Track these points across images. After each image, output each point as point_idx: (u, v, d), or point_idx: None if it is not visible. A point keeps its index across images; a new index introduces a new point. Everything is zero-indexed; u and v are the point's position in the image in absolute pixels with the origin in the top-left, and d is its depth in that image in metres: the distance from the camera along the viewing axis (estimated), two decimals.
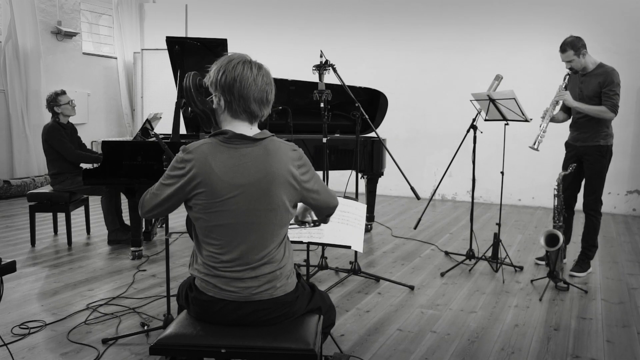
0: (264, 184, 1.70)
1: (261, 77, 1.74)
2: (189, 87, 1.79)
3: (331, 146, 4.61)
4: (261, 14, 8.37)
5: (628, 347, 2.73)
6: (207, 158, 1.70)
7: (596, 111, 3.65)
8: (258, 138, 1.75)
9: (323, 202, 1.89)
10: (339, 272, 3.90)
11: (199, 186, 1.70)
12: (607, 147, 3.75)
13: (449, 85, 7.23)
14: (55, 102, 4.61)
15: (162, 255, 4.30)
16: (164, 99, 8.07)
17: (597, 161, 3.75)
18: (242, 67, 1.72)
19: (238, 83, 1.71)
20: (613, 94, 3.61)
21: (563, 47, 3.67)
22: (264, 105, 1.78)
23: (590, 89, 3.70)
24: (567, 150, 3.99)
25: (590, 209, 3.85)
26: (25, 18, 7.22)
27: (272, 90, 1.79)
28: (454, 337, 2.83)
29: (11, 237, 4.88)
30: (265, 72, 1.77)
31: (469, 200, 7.06)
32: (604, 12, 6.33)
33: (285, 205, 1.76)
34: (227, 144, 1.73)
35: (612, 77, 3.62)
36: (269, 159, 1.72)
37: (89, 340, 2.71)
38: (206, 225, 1.74)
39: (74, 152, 4.57)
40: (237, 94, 1.71)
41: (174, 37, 4.25)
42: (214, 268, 1.76)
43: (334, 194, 1.96)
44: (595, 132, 3.74)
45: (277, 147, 1.76)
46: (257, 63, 1.78)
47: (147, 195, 1.81)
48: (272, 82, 1.79)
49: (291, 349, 1.68)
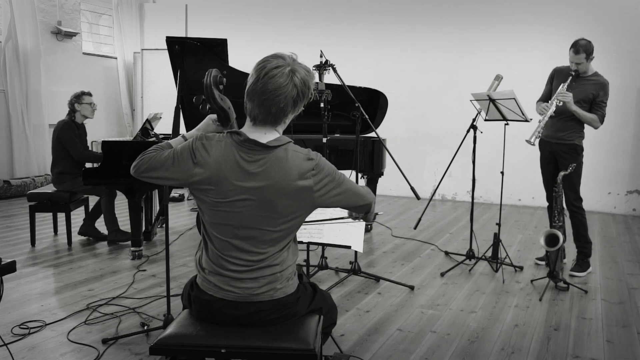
0: (269, 193, 1.68)
1: (268, 79, 1.62)
2: (209, 84, 1.77)
3: (331, 146, 4.61)
4: (261, 14, 8.37)
5: (628, 347, 2.73)
6: (220, 157, 1.68)
7: (589, 118, 3.75)
8: (271, 146, 1.68)
9: (350, 203, 1.83)
10: (339, 272, 3.90)
11: (207, 182, 1.69)
12: (581, 146, 3.89)
13: (449, 85, 7.23)
14: (78, 99, 4.62)
15: (162, 255, 4.30)
16: (164, 99, 8.06)
17: (573, 158, 3.83)
18: (259, 68, 1.66)
19: (252, 85, 1.66)
20: (604, 105, 3.75)
21: (577, 48, 3.66)
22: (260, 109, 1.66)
23: (582, 93, 3.75)
24: (542, 147, 4.04)
25: (572, 205, 3.91)
26: (25, 18, 7.22)
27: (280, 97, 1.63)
28: (454, 337, 2.83)
29: (11, 237, 4.88)
30: (279, 73, 1.63)
31: (469, 200, 7.06)
32: (604, 12, 6.33)
33: (291, 214, 1.72)
34: (240, 147, 1.69)
35: (607, 90, 3.75)
36: (277, 169, 1.67)
37: (89, 340, 2.71)
38: (211, 221, 1.75)
39: (82, 152, 4.57)
40: (251, 94, 1.67)
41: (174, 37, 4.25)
42: (217, 265, 1.76)
43: (364, 192, 1.85)
44: (572, 132, 3.84)
45: (288, 157, 1.69)
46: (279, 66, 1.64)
47: (145, 156, 1.77)
48: (284, 86, 1.62)
49: (291, 349, 1.68)
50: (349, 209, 1.95)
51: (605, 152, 6.38)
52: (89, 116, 4.70)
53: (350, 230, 2.69)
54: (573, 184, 3.86)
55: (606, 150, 6.38)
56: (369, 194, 1.87)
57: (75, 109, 4.64)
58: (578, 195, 3.90)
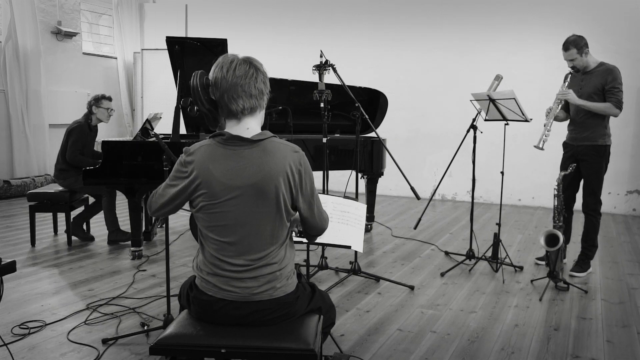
0: (261, 185, 1.70)
1: (232, 72, 1.71)
2: (196, 86, 1.79)
3: (331, 146, 4.61)
4: (261, 14, 8.37)
5: (628, 347, 2.73)
6: (206, 160, 1.72)
7: (602, 108, 3.65)
8: (256, 139, 1.74)
9: (310, 217, 1.83)
10: (339, 272, 3.90)
11: (200, 187, 1.73)
12: (605, 147, 3.76)
13: (449, 85, 7.23)
14: (97, 102, 4.68)
15: (162, 255, 4.30)
16: (164, 99, 8.07)
17: (595, 161, 3.75)
18: (217, 69, 1.74)
19: (213, 86, 1.75)
20: (617, 91, 3.63)
21: (566, 45, 3.67)
22: (242, 98, 1.72)
23: (591, 87, 3.70)
24: (565, 150, 3.99)
25: (590, 210, 3.85)
26: (25, 18, 7.22)
27: (251, 80, 1.72)
28: (454, 337, 2.83)
29: (11, 237, 4.88)
30: (238, 64, 1.73)
31: (469, 200, 7.06)
32: (604, 12, 6.33)
33: (284, 205, 1.75)
34: (225, 146, 1.74)
35: (615, 74, 3.65)
36: (266, 160, 1.71)
37: (89, 340, 2.71)
38: (207, 225, 1.76)
39: (76, 156, 4.56)
40: (217, 95, 1.75)
41: (174, 37, 4.25)
42: (214, 266, 1.77)
43: (326, 216, 1.91)
44: (594, 132, 3.75)
45: (276, 148, 1.74)
46: (233, 60, 1.74)
47: (154, 197, 1.85)
48: (248, 71, 1.72)
49: (291, 349, 1.68)
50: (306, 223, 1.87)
51: None
52: (104, 120, 4.75)
53: (350, 230, 2.69)
54: (593, 188, 3.78)
55: None
56: (327, 217, 1.92)
57: (92, 112, 4.68)
58: (598, 199, 3.81)
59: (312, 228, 1.88)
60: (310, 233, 1.92)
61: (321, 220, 1.88)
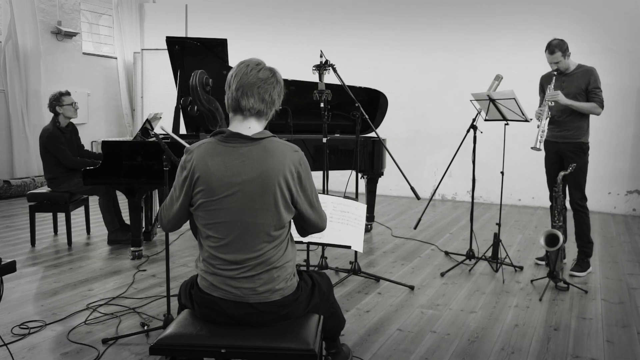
0: (260, 183, 1.70)
1: (255, 72, 1.75)
2: (196, 86, 1.79)
3: (331, 146, 4.61)
4: (261, 14, 8.37)
5: (628, 347, 2.73)
6: (205, 157, 1.72)
7: (588, 107, 3.78)
8: (256, 138, 1.74)
9: (311, 216, 1.84)
10: (339, 272, 3.90)
11: (199, 183, 1.73)
12: (587, 144, 3.91)
13: (449, 85, 7.23)
14: (58, 101, 4.55)
15: (162, 255, 4.30)
16: (164, 99, 8.06)
17: (579, 157, 3.85)
18: (243, 65, 1.77)
19: (232, 77, 1.76)
20: (599, 91, 3.80)
21: (551, 49, 3.78)
22: (255, 98, 1.74)
23: (574, 87, 3.81)
24: (548, 147, 4.05)
25: (577, 204, 3.92)
26: (25, 18, 7.22)
27: (269, 86, 1.77)
28: (454, 337, 2.83)
29: (11, 237, 4.88)
30: (264, 68, 1.78)
31: (469, 200, 7.06)
32: (604, 12, 6.33)
33: (282, 205, 1.74)
34: (225, 143, 1.74)
35: (596, 75, 3.81)
36: (266, 159, 1.71)
37: (89, 340, 2.71)
38: (205, 222, 1.76)
39: (72, 159, 4.51)
40: (232, 86, 1.75)
41: (174, 37, 4.25)
42: (211, 266, 1.77)
43: (325, 216, 1.92)
44: (577, 130, 3.87)
45: (276, 147, 1.75)
46: (260, 63, 1.79)
47: (163, 210, 1.85)
48: (270, 79, 1.77)
49: (291, 349, 1.68)
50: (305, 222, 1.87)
51: (605, 152, 6.37)
52: (72, 116, 4.62)
53: (350, 230, 2.69)
54: (579, 182, 3.88)
55: (606, 150, 6.38)
56: (325, 217, 1.93)
57: (57, 112, 4.56)
58: (583, 194, 3.91)
59: (312, 227, 1.89)
60: (309, 232, 1.93)
61: (321, 219, 1.90)
